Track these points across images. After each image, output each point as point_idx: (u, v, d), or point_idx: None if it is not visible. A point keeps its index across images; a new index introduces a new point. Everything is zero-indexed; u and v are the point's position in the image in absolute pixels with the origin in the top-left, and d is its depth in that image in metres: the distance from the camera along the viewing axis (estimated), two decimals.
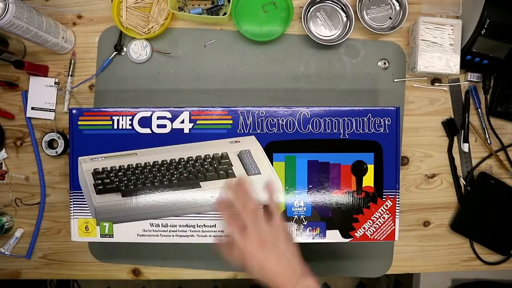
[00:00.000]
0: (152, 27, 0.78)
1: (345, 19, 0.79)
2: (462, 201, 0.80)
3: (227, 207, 0.63)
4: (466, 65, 0.77)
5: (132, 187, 0.68)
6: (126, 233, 0.68)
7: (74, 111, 0.68)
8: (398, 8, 0.79)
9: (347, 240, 0.69)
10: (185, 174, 0.68)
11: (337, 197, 0.68)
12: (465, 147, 0.79)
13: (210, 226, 0.68)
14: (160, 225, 0.68)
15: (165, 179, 0.68)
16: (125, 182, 0.68)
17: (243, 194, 0.63)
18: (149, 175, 0.68)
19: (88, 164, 0.68)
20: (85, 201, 0.68)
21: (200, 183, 0.68)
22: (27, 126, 0.80)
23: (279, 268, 0.58)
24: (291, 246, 0.61)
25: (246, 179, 0.67)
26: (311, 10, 0.79)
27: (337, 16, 0.79)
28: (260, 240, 0.59)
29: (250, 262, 0.59)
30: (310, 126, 0.68)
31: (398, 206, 0.69)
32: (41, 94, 0.79)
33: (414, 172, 0.80)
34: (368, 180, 0.69)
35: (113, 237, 0.68)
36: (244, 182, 0.65)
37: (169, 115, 0.68)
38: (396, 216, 0.69)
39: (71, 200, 0.68)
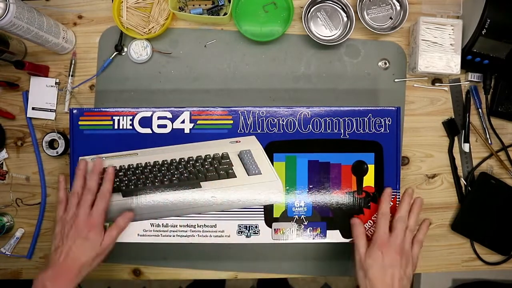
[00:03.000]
0: (153, 27, 0.78)
1: (345, 19, 0.79)
2: (462, 201, 0.80)
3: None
4: (466, 65, 0.77)
5: (132, 187, 0.68)
6: (126, 233, 0.68)
7: (74, 111, 0.68)
8: (398, 8, 0.78)
9: (347, 240, 0.69)
10: (185, 174, 0.68)
11: (338, 197, 0.68)
12: (466, 147, 0.79)
13: (211, 226, 0.68)
14: (161, 225, 0.68)
15: (165, 179, 0.68)
16: (126, 182, 0.68)
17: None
18: (150, 175, 0.68)
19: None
20: None
21: (201, 183, 0.68)
22: (28, 126, 0.80)
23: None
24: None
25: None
26: (311, 10, 0.79)
27: (337, 16, 0.79)
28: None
29: None
30: (310, 126, 0.68)
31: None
32: (42, 94, 0.79)
33: (415, 172, 0.80)
34: (369, 180, 0.69)
35: None
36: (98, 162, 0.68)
37: (169, 115, 0.68)
38: None
39: None
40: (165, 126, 0.68)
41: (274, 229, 0.69)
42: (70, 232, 0.62)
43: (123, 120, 0.68)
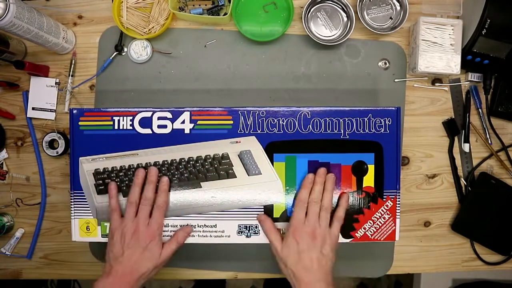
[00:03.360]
0: (153, 27, 0.78)
1: (345, 19, 0.79)
2: (462, 201, 0.80)
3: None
4: (466, 65, 0.77)
5: None
6: None
7: (74, 111, 0.68)
8: (398, 8, 0.78)
9: (347, 240, 0.69)
10: (185, 174, 0.68)
11: (338, 197, 0.68)
12: (466, 147, 0.79)
13: (211, 226, 0.68)
14: None
15: None
16: (126, 182, 0.68)
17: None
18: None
19: (89, 165, 0.68)
20: (86, 201, 0.68)
21: (201, 183, 0.68)
22: (28, 126, 0.80)
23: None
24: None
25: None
26: (311, 10, 0.79)
27: (337, 16, 0.79)
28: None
29: None
30: (310, 126, 0.68)
31: (398, 206, 0.69)
32: (42, 94, 0.79)
33: (415, 172, 0.80)
34: (369, 180, 0.69)
35: None
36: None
37: (169, 115, 0.68)
38: (397, 216, 0.69)
39: (72, 200, 0.69)
40: (165, 126, 0.68)
41: None
42: (130, 241, 0.63)
43: (123, 121, 0.68)
